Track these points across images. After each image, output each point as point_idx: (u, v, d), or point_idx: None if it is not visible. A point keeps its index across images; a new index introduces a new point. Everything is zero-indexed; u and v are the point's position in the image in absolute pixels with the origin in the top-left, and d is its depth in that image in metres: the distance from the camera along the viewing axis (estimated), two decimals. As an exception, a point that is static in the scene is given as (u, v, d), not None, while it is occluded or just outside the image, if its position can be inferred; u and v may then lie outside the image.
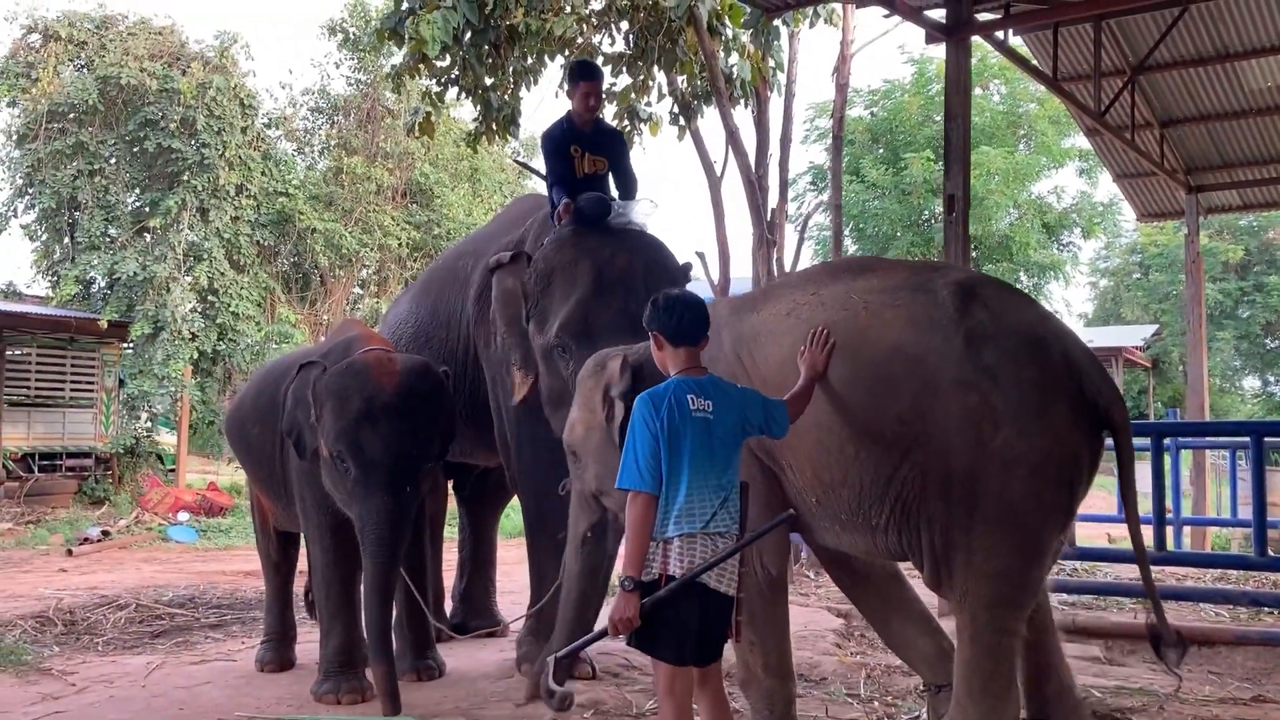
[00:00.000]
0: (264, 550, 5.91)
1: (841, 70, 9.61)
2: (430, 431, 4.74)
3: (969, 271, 3.80)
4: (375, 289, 17.94)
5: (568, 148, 5.18)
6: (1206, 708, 4.57)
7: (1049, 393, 3.26)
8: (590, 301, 4.62)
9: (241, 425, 5.67)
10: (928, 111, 22.56)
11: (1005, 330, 3.34)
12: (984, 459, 3.23)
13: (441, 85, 9.37)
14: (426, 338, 5.86)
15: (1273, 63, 9.81)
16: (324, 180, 17.56)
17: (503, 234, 5.72)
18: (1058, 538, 3.38)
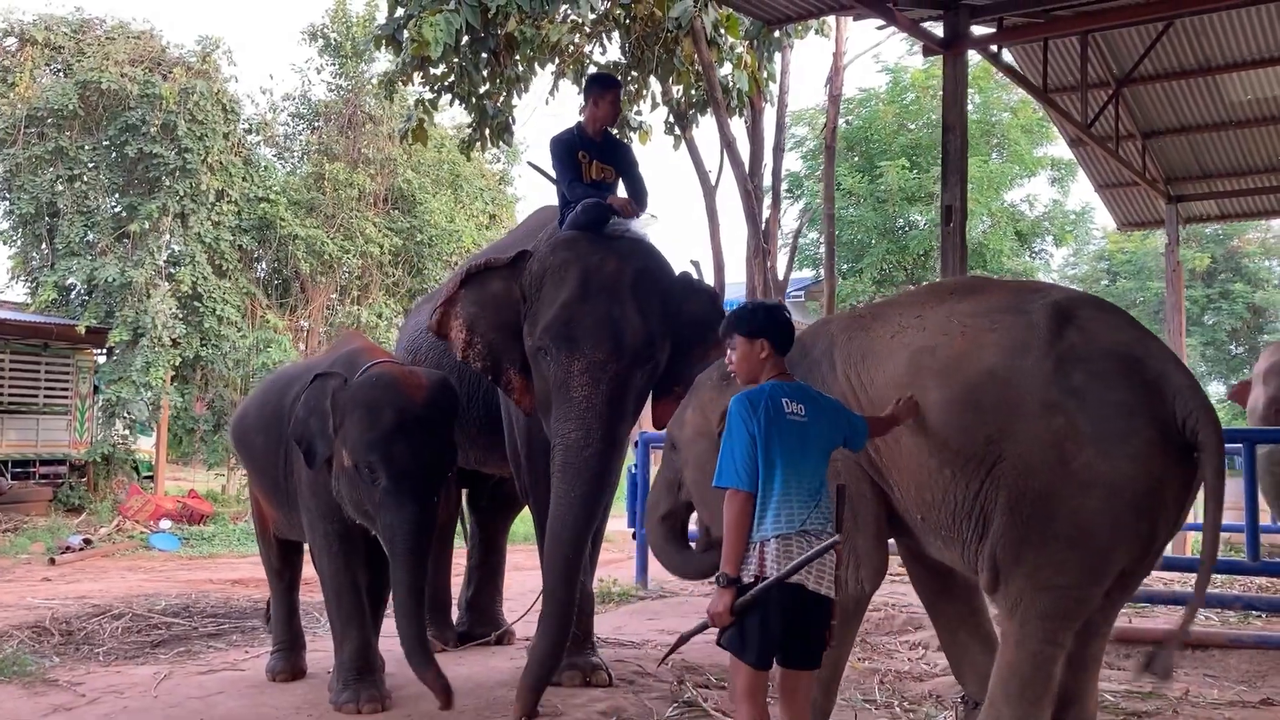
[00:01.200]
0: (266, 558, 5.90)
1: (834, 82, 9.71)
2: (451, 443, 4.88)
3: (1069, 292, 3.78)
4: (356, 296, 17.84)
5: (576, 153, 5.19)
6: (1218, 710, 4.66)
7: (1136, 416, 3.28)
8: (574, 305, 4.64)
9: (246, 433, 5.67)
10: (902, 120, 22.80)
11: (1098, 352, 3.39)
12: (1063, 479, 3.29)
13: (435, 92, 9.40)
14: (444, 348, 5.87)
15: (1252, 76, 10.03)
16: (305, 186, 17.45)
17: (517, 245, 5.72)
18: (1126, 560, 3.39)
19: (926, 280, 23.71)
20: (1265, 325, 27.19)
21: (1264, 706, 4.79)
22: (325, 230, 16.85)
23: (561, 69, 9.93)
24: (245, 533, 14.36)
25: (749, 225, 8.68)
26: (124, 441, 16.16)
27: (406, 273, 18.04)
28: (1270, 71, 9.92)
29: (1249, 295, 27.75)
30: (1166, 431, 3.28)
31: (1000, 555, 3.42)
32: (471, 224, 18.27)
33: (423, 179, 17.75)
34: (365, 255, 17.10)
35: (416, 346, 6.05)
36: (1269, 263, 29.44)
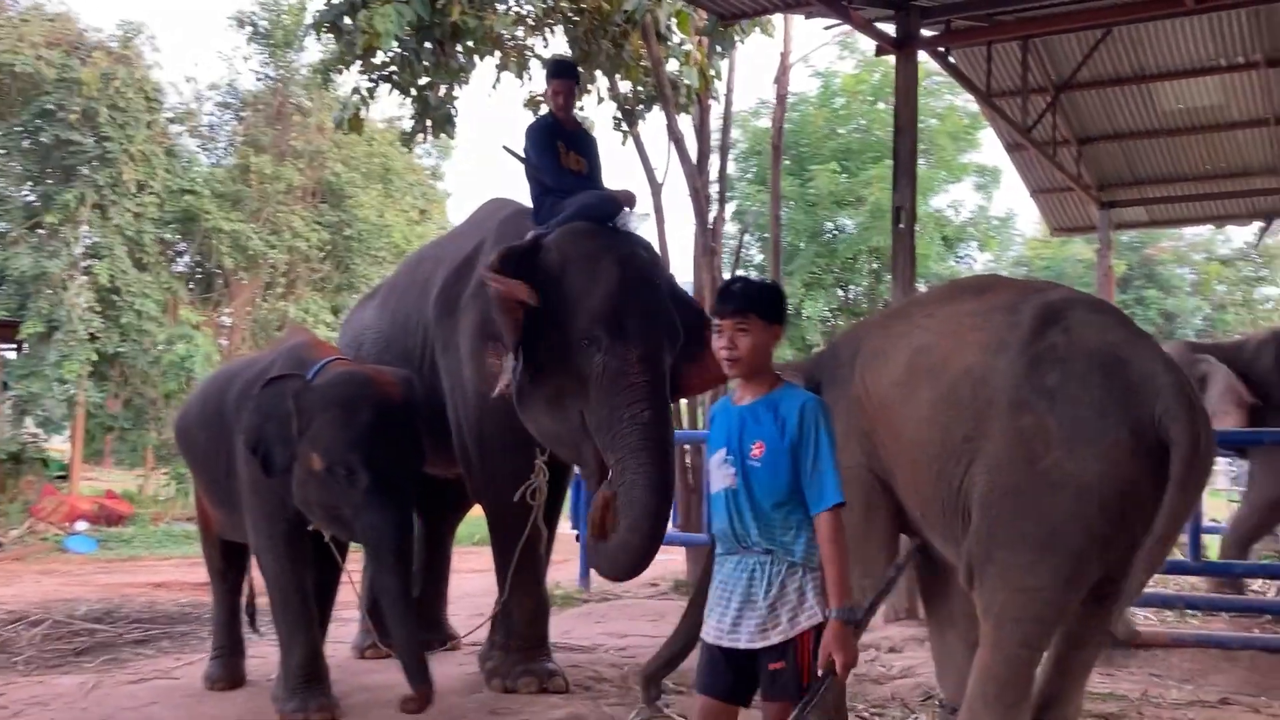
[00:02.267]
0: (210, 560, 5.64)
1: (781, 81, 9.69)
2: (421, 441, 4.72)
3: (1068, 292, 3.74)
4: (283, 291, 17.41)
5: (554, 141, 5.07)
6: (1181, 711, 4.69)
7: (1108, 416, 3.24)
8: (621, 295, 4.49)
9: (188, 432, 5.44)
10: (833, 124, 23.01)
11: (1078, 352, 3.36)
12: (1031, 479, 3.27)
13: (373, 81, 9.14)
14: (388, 343, 5.68)
15: (1184, 85, 10.24)
16: (230, 178, 16.98)
17: (466, 238, 5.57)
18: (1102, 566, 3.34)
19: (855, 284, 24.01)
20: (1176, 330, 27.95)
21: (1223, 706, 4.83)
22: (251, 224, 16.40)
23: (504, 61, 9.74)
24: (167, 534, 13.97)
25: (697, 223, 8.59)
26: (34, 439, 15.56)
27: (335, 268, 17.65)
28: (1201, 81, 10.12)
29: (1162, 301, 28.60)
30: (1141, 433, 3.21)
31: (973, 552, 3.41)
32: (402, 219, 17.95)
33: (352, 173, 17.40)
34: (292, 250, 16.72)
35: (360, 343, 5.84)
36: (1181, 270, 30.35)
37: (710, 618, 2.89)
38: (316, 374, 4.63)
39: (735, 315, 2.81)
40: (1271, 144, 11.11)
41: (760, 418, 2.82)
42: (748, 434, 2.82)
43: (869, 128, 23.14)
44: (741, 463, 2.80)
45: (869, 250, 22.49)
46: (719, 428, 2.93)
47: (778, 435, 2.77)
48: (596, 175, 5.22)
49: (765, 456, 2.78)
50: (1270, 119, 10.51)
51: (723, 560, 2.89)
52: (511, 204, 5.66)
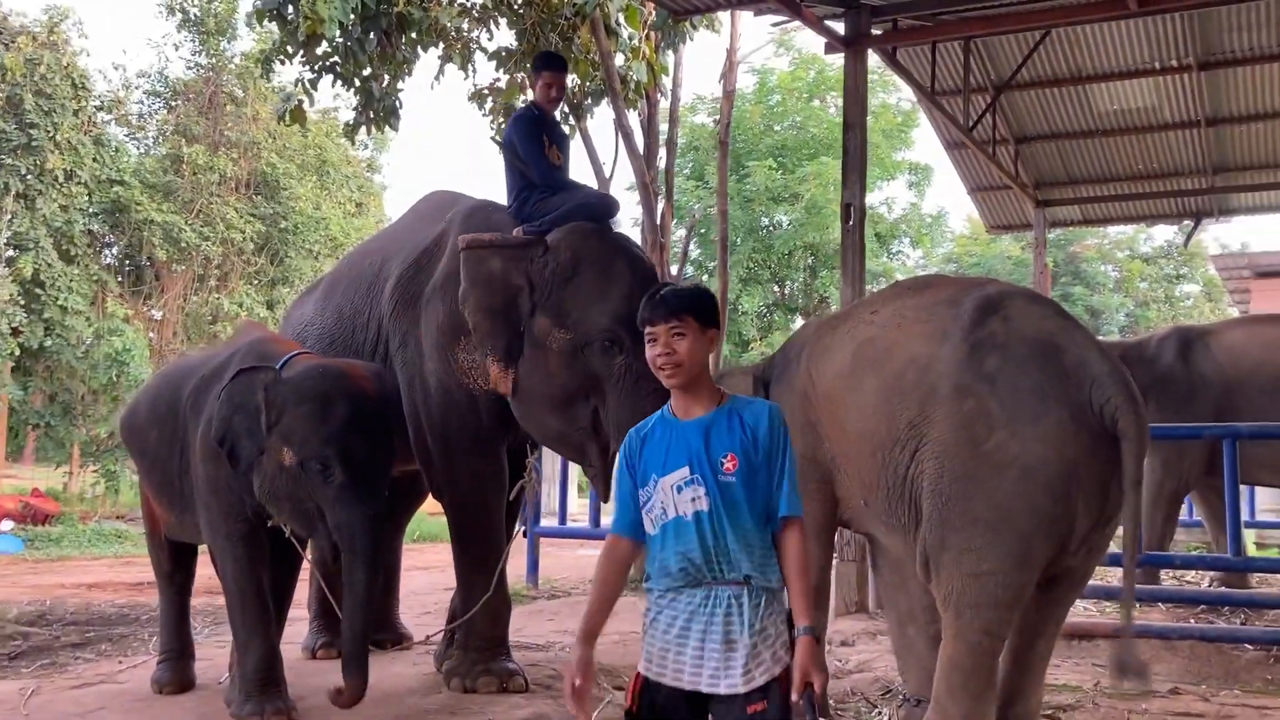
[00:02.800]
0: (156, 561, 5.49)
1: (729, 78, 9.70)
2: (395, 436, 4.69)
3: (1007, 286, 3.86)
4: (215, 284, 17.03)
5: (542, 134, 5.01)
6: (1134, 701, 4.78)
7: (1048, 399, 3.34)
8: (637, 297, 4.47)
9: (137, 430, 5.27)
10: (769, 121, 23.17)
11: (1015, 339, 3.47)
12: (977, 461, 3.35)
13: (316, 72, 8.99)
14: (331, 340, 5.55)
15: (1119, 86, 10.45)
16: (161, 169, 16.54)
17: (416, 232, 5.44)
18: (1051, 546, 3.40)
19: (791, 280, 24.21)
20: (1101, 327, 28.60)
21: (1173, 695, 4.94)
22: (184, 216, 16.01)
23: (448, 53, 9.65)
24: (97, 533, 13.63)
25: (645, 218, 8.58)
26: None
27: (269, 261, 17.31)
28: (1136, 83, 10.34)
29: (1087, 298, 29.24)
30: (1080, 415, 3.33)
31: (929, 541, 3.46)
32: (339, 211, 17.66)
33: (288, 164, 17.07)
34: (226, 242, 16.34)
35: (301, 340, 5.72)
36: (1105, 267, 31.09)
37: (664, 657, 2.53)
38: (284, 367, 4.54)
39: (671, 319, 2.59)
40: (1201, 146, 11.39)
41: (724, 430, 2.57)
42: (714, 447, 2.54)
43: (804, 124, 23.37)
44: (713, 480, 2.51)
45: (805, 246, 22.70)
46: (661, 446, 2.60)
47: (750, 446, 2.54)
48: (567, 171, 5.18)
49: (740, 470, 2.52)
50: (1201, 121, 10.78)
51: (677, 595, 2.52)
52: (462, 197, 5.57)
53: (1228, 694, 5.04)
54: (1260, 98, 10.50)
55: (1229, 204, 12.91)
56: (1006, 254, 30.36)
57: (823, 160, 21.61)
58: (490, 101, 9.91)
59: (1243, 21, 9.18)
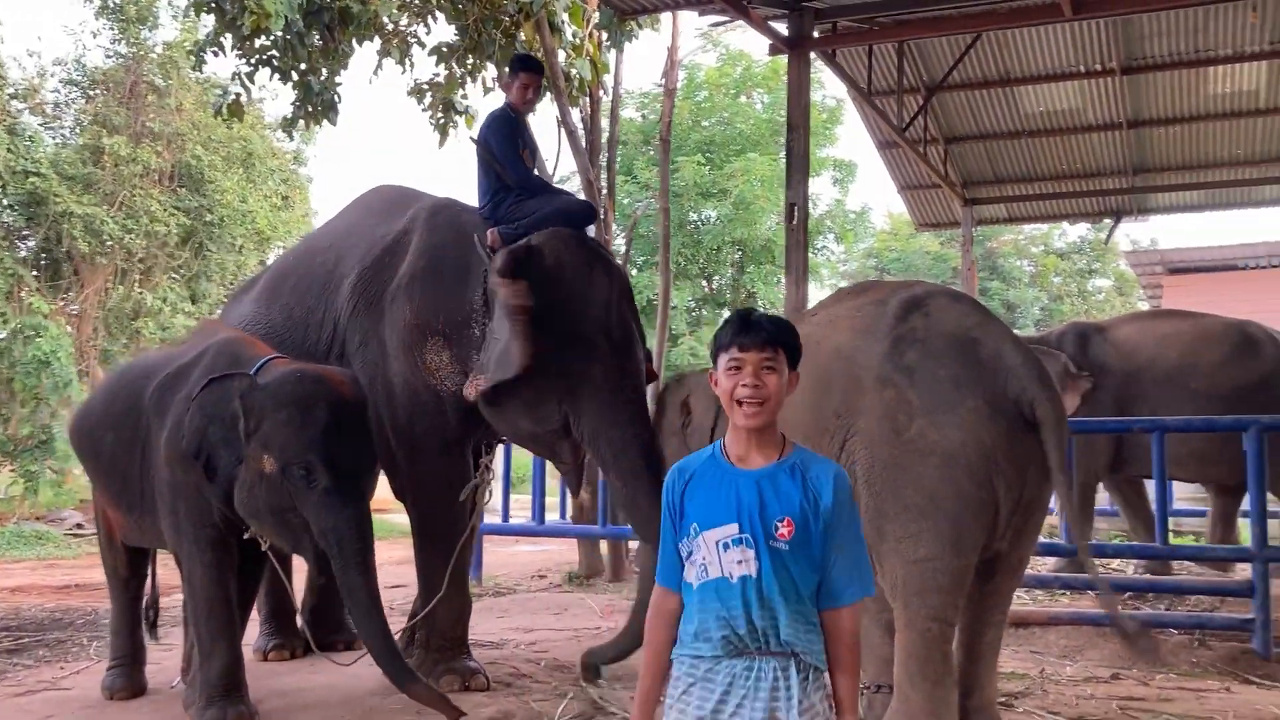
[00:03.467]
0: (110, 566, 5.37)
1: (670, 76, 9.77)
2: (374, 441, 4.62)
3: (932, 287, 4.04)
4: (138, 278, 16.60)
5: (517, 137, 5.01)
6: (1078, 687, 4.97)
7: (964, 388, 3.52)
8: (617, 307, 4.63)
9: (90, 433, 5.14)
10: (696, 117, 23.29)
11: (934, 334, 3.66)
12: (901, 449, 3.51)
13: (253, 66, 8.86)
14: (281, 341, 5.38)
15: (1045, 89, 10.82)
16: (80, 160, 16.05)
17: (375, 226, 5.35)
18: (981, 530, 3.55)
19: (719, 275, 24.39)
20: (1017, 320, 29.29)
21: (1114, 681, 5.14)
22: (105, 208, 15.57)
23: (386, 48, 9.57)
24: (16, 535, 13.23)
25: (590, 216, 8.59)
26: None
27: (193, 255, 16.92)
28: (1061, 86, 10.69)
29: (1004, 292, 29.94)
30: (995, 403, 3.51)
31: (868, 531, 3.51)
32: (265, 205, 17.32)
33: (213, 156, 16.68)
34: (150, 235, 15.93)
35: None
36: (1020, 262, 31.86)
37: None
38: (258, 372, 4.47)
39: (765, 348, 2.29)
40: (1123, 147, 11.80)
41: (784, 488, 2.28)
42: (770, 507, 2.26)
43: (732, 120, 23.55)
44: (764, 544, 2.24)
45: (733, 241, 22.89)
46: (709, 494, 2.32)
47: (810, 511, 2.26)
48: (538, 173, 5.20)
49: (796, 537, 2.25)
50: (1123, 123, 11.17)
51: (715, 664, 2.26)
52: (416, 193, 5.53)
53: (1162, 678, 5.25)
54: (1178, 102, 10.92)
55: (1147, 203, 13.38)
56: (926, 249, 30.96)
57: (750, 156, 21.82)
58: (429, 97, 9.84)
59: (1163, 28, 9.55)
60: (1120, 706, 4.60)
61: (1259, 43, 9.66)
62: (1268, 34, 9.50)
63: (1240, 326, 7.72)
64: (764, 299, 23.76)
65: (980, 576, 3.69)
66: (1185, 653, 5.78)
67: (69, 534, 13.92)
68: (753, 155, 21.93)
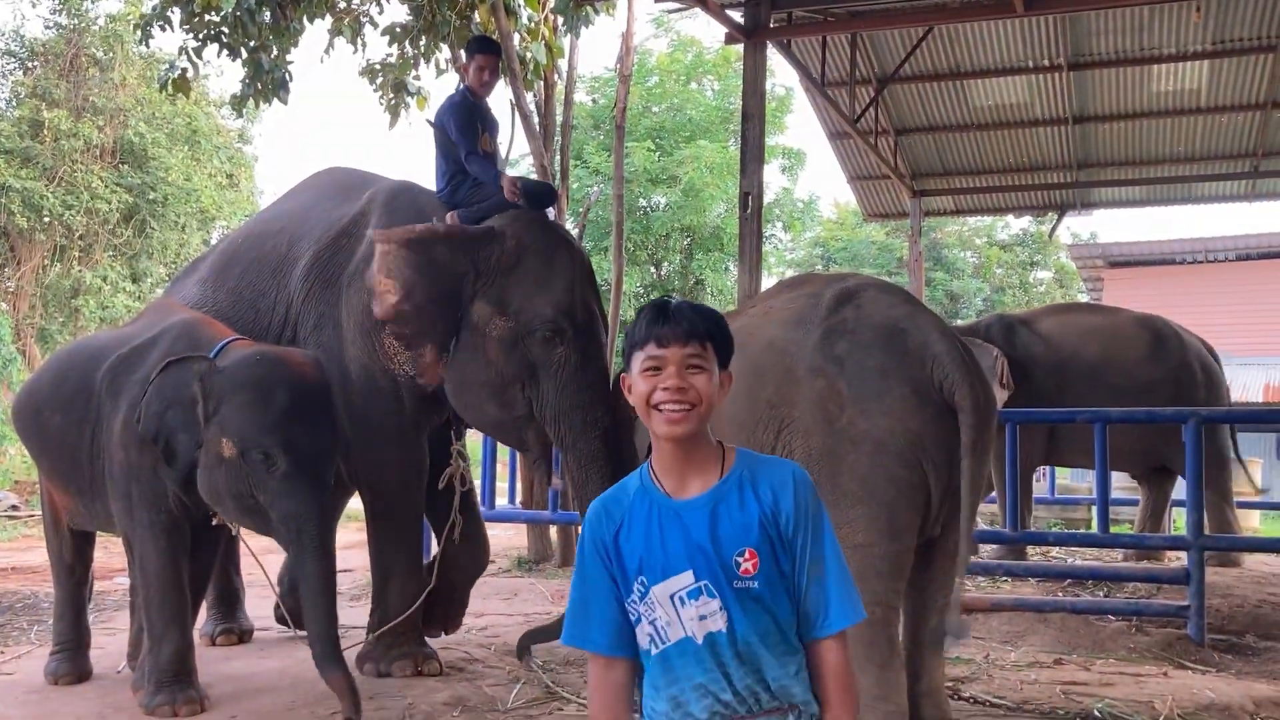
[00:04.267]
0: (55, 551, 5.28)
1: (625, 62, 9.75)
2: (338, 423, 4.56)
3: (865, 279, 4.15)
4: (78, 255, 16.26)
5: (475, 121, 4.95)
6: (1022, 672, 5.08)
7: (891, 377, 3.62)
8: (579, 289, 4.60)
9: (37, 414, 5.04)
10: (646, 103, 23.28)
11: (863, 325, 3.76)
12: (834, 438, 3.61)
13: (200, 41, 8.70)
14: (228, 321, 5.24)
15: (995, 83, 10.96)
16: (18, 133, 15.66)
17: (328, 208, 5.28)
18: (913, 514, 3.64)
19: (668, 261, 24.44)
20: (960, 310, 29.70)
21: (1057, 665, 5.27)
22: (44, 183, 15.22)
23: (338, 26, 9.45)
24: (-52, 517, 12.96)
25: (544, 201, 8.57)
26: None
27: (136, 233, 16.60)
28: (1010, 80, 10.85)
29: (947, 283, 30.32)
30: (922, 391, 3.62)
31: None
32: (210, 183, 17.03)
33: (156, 133, 16.35)
34: (91, 212, 15.59)
35: None
36: (964, 253, 32.29)
37: None
38: (218, 355, 4.42)
39: (689, 342, 1.86)
40: (1069, 142, 12.00)
41: (735, 512, 1.86)
42: (725, 540, 1.84)
43: (682, 107, 23.57)
44: (729, 588, 1.83)
45: (682, 228, 22.96)
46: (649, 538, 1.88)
47: (774, 531, 1.85)
48: (498, 157, 5.17)
49: (764, 569, 1.84)
50: (1069, 119, 11.36)
51: None
52: (368, 175, 5.48)
53: (1102, 663, 5.39)
54: (1122, 98, 11.12)
55: (1090, 197, 13.62)
56: (872, 239, 31.26)
57: (700, 143, 21.87)
58: (380, 77, 9.73)
59: (1109, 26, 9.72)
60: (1063, 691, 4.70)
61: (1201, 42, 9.87)
62: (1210, 34, 9.71)
63: (1151, 322, 7.96)
64: (712, 286, 23.87)
65: (920, 563, 3.77)
66: (1124, 638, 5.93)
67: (4, 515, 13.65)
68: (703, 142, 21.99)
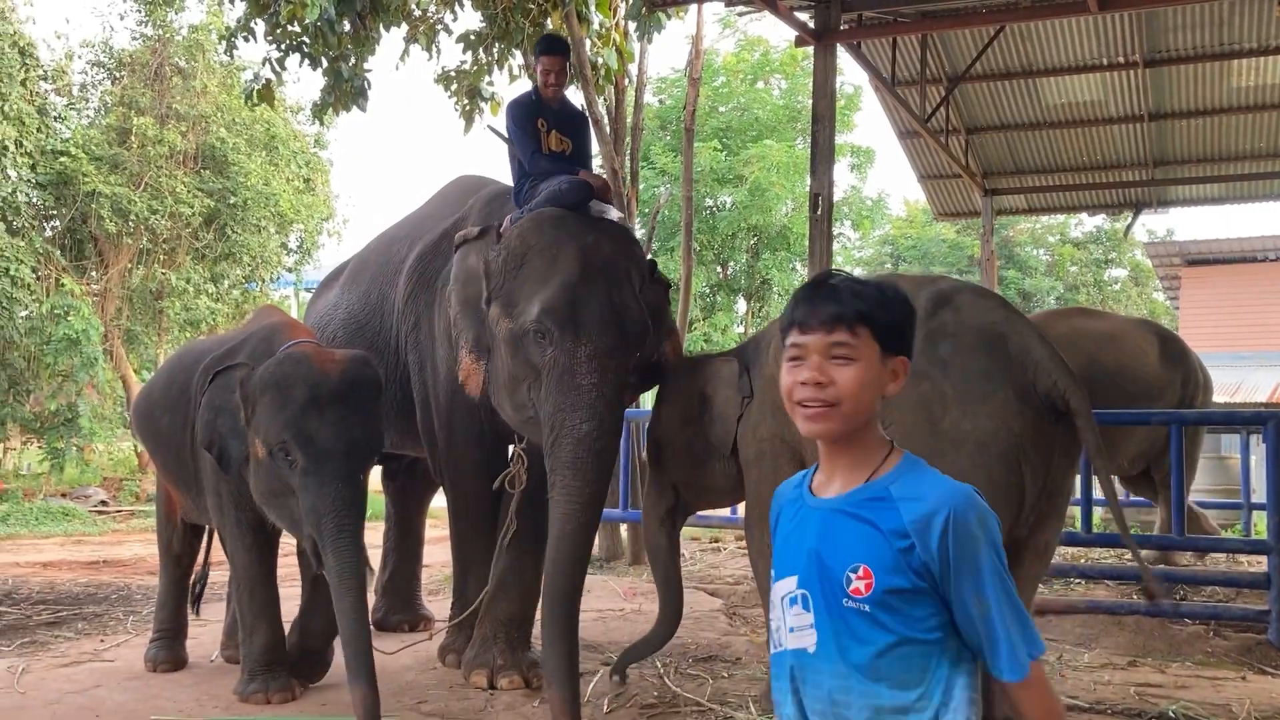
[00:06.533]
0: (165, 541, 5.52)
1: (694, 65, 9.85)
2: (374, 420, 4.53)
3: (956, 282, 4.16)
4: (162, 259, 16.74)
5: (534, 121, 4.93)
6: (1095, 673, 5.09)
7: (994, 380, 3.69)
8: (576, 286, 4.26)
9: (150, 413, 5.30)
10: (713, 103, 23.30)
11: (965, 329, 3.81)
12: (936, 438, 3.65)
13: (283, 51, 8.95)
14: (358, 326, 5.56)
15: (1068, 81, 10.84)
16: (107, 141, 16.17)
17: (441, 216, 5.47)
18: (1008, 516, 3.69)
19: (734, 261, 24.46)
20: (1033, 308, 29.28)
21: (1131, 668, 5.26)
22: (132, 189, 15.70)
23: (413, 34, 9.65)
24: (44, 511, 13.46)
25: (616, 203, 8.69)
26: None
27: (217, 237, 17.06)
28: (1084, 78, 10.73)
29: (1019, 281, 29.94)
30: (1024, 395, 3.69)
31: None
32: (288, 188, 17.43)
33: (236, 139, 16.78)
34: (175, 217, 16.05)
35: (327, 325, 5.71)
36: (1037, 251, 31.86)
37: None
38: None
39: (836, 328, 1.65)
40: (1144, 139, 11.83)
41: (861, 523, 1.63)
42: (836, 550, 1.63)
43: (749, 106, 23.57)
44: (824, 604, 1.63)
45: (748, 228, 22.97)
46: (786, 534, 1.74)
47: (906, 553, 1.59)
48: (583, 155, 5.09)
49: (877, 593, 1.59)
50: (1144, 116, 11.20)
51: None
52: (489, 182, 5.58)
53: (1178, 666, 5.36)
54: (1200, 95, 10.94)
55: (1167, 196, 13.40)
56: (942, 238, 30.97)
57: (766, 143, 21.86)
58: (455, 84, 9.93)
59: (1187, 21, 9.58)
60: (1137, 692, 4.71)
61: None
62: (1292, 28, 9.53)
63: (1152, 327, 8.01)
64: (779, 286, 23.84)
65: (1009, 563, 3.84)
66: (1200, 642, 5.87)
67: (94, 511, 14.14)
68: (769, 142, 21.97)
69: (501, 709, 4.53)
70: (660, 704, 4.62)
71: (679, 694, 4.73)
